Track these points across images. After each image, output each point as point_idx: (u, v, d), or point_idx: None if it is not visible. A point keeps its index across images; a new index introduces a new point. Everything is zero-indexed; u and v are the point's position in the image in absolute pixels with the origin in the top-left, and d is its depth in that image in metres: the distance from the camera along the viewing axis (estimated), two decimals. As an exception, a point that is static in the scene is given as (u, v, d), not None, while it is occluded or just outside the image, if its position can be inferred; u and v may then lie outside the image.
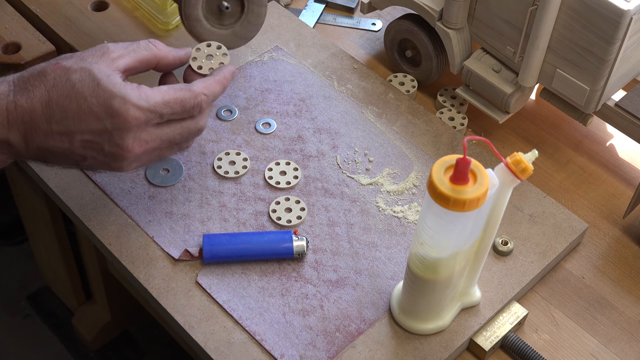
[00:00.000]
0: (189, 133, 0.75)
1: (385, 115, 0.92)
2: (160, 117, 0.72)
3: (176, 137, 0.74)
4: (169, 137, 0.73)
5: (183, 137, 0.75)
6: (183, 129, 0.74)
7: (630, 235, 0.86)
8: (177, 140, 0.74)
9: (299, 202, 0.83)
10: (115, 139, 0.70)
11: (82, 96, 0.70)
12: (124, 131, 0.70)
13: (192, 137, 0.76)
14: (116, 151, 0.71)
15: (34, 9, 1.03)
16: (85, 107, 0.69)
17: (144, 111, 0.71)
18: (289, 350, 0.73)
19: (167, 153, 0.76)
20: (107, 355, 1.50)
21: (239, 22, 0.84)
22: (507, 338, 0.75)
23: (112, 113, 0.70)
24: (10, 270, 1.67)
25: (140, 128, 0.71)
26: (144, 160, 0.74)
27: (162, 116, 0.72)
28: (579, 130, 0.96)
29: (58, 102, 0.69)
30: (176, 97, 0.73)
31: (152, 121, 0.72)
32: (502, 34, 0.86)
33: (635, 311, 0.80)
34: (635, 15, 0.75)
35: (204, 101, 0.74)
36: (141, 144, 0.71)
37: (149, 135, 0.72)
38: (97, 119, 0.70)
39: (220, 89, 0.77)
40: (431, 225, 0.64)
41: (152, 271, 0.78)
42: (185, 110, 0.73)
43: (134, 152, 0.71)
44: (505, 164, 0.63)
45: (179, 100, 0.73)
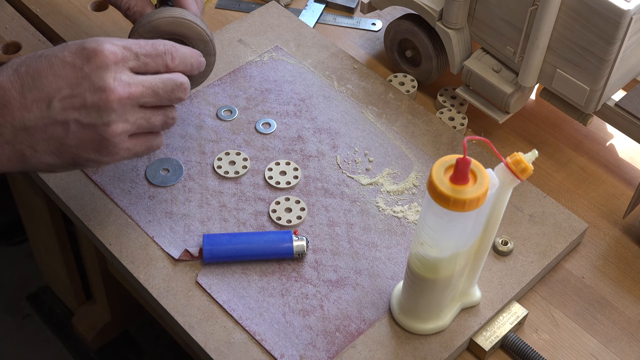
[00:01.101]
0: (172, 84, 0.72)
1: (385, 115, 0.92)
2: (136, 58, 0.69)
3: (158, 85, 0.70)
4: (150, 85, 0.70)
5: (166, 88, 0.71)
6: (164, 79, 0.71)
7: (630, 235, 0.86)
8: (161, 90, 0.71)
9: (299, 202, 0.83)
10: (95, 81, 0.66)
11: (52, 54, 0.67)
12: (102, 69, 0.67)
13: (175, 92, 0.72)
14: (99, 97, 0.66)
15: (34, 9, 1.03)
16: (58, 62, 0.66)
17: (119, 47, 0.68)
18: (289, 350, 0.73)
19: (154, 117, 0.71)
20: (107, 355, 1.50)
21: None
22: (507, 338, 0.76)
23: (87, 54, 0.67)
24: (10, 270, 1.67)
25: (118, 66, 0.68)
26: (133, 120, 0.69)
27: (137, 57, 0.69)
28: (579, 130, 0.96)
29: (27, 70, 0.66)
30: (147, 41, 0.71)
31: (129, 61, 0.69)
32: (502, 34, 0.86)
33: (635, 311, 0.80)
34: (635, 15, 0.75)
35: (173, 50, 0.72)
36: (123, 85, 0.68)
37: (129, 77, 0.68)
38: (73, 67, 0.66)
39: (188, 52, 0.74)
40: (431, 225, 0.64)
41: (152, 271, 0.78)
42: (158, 54, 0.71)
43: (117, 94, 0.67)
44: (505, 164, 0.63)
45: (149, 42, 0.71)
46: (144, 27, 0.77)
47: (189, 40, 0.79)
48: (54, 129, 0.67)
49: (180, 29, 0.78)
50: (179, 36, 0.79)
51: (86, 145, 0.68)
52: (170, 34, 0.78)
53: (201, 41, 0.79)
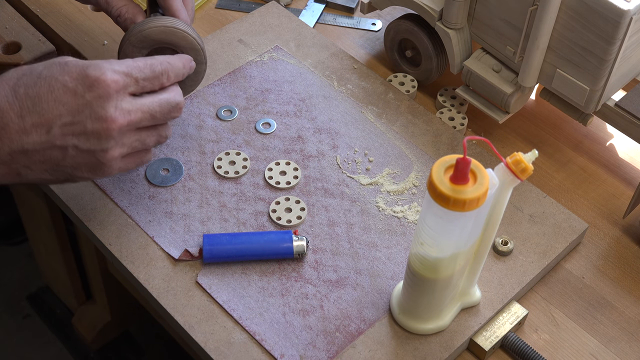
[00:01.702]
0: (168, 106, 0.72)
1: (385, 115, 0.92)
2: (136, 83, 0.69)
3: (156, 109, 0.71)
4: (149, 109, 0.70)
5: (163, 111, 0.72)
6: (161, 101, 0.71)
7: (630, 235, 0.86)
8: (157, 114, 0.71)
9: (299, 202, 0.83)
10: (96, 111, 0.66)
11: (52, 77, 0.66)
12: (104, 99, 0.67)
13: (171, 113, 0.73)
14: (100, 126, 0.66)
15: (34, 9, 1.03)
16: (58, 87, 0.66)
17: (121, 74, 0.68)
18: (289, 350, 0.73)
19: (148, 138, 0.72)
20: (107, 355, 1.50)
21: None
22: (507, 338, 0.76)
23: (90, 82, 0.66)
24: (10, 270, 1.67)
25: (120, 94, 0.68)
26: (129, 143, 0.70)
27: (137, 82, 0.69)
28: (579, 130, 0.96)
29: (27, 92, 0.65)
30: (144, 61, 0.71)
31: (130, 87, 0.69)
32: (502, 34, 0.86)
33: (635, 311, 0.80)
34: (635, 15, 0.75)
35: (169, 69, 0.72)
36: (123, 113, 0.68)
37: (129, 104, 0.68)
38: (74, 94, 0.66)
39: (180, 64, 0.74)
40: (431, 225, 0.64)
41: (152, 271, 0.78)
42: (156, 76, 0.71)
43: (118, 123, 0.67)
44: (505, 164, 0.63)
45: (147, 64, 0.71)
46: (135, 36, 0.77)
47: (180, 49, 0.79)
48: (52, 153, 0.67)
49: (171, 38, 0.78)
50: (170, 45, 0.79)
51: (81, 167, 0.69)
52: (161, 43, 0.78)
53: (192, 50, 0.79)
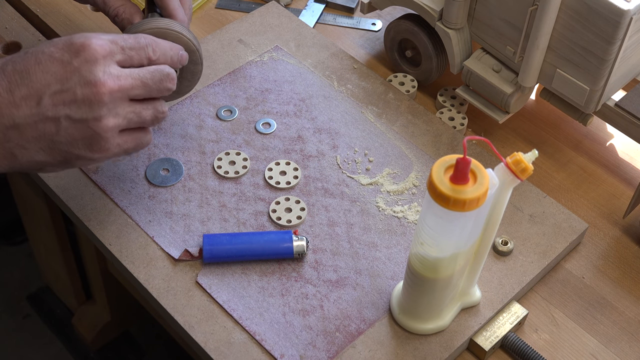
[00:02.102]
0: (160, 75, 0.72)
1: (385, 115, 0.92)
2: (122, 51, 0.69)
3: (147, 76, 0.70)
4: (139, 76, 0.70)
5: (155, 79, 0.71)
6: (151, 70, 0.71)
7: (630, 235, 0.86)
8: (149, 81, 0.71)
9: (299, 202, 0.83)
10: (85, 75, 0.66)
11: (39, 51, 0.67)
12: (92, 63, 0.67)
13: (163, 83, 0.72)
14: (89, 91, 0.66)
15: (34, 9, 1.03)
16: (45, 58, 0.66)
17: (105, 41, 0.68)
18: (289, 350, 0.73)
19: (144, 110, 0.71)
20: (107, 355, 1.50)
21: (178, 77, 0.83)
22: (507, 338, 0.76)
23: (75, 49, 0.66)
24: (10, 270, 1.67)
25: (107, 60, 0.68)
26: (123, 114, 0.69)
27: (123, 50, 0.69)
28: (579, 130, 0.96)
29: (14, 68, 0.66)
30: (130, 35, 0.71)
31: (116, 55, 0.69)
32: (502, 34, 0.86)
33: (635, 311, 0.80)
34: (635, 15, 0.75)
35: (153, 44, 0.72)
36: (113, 78, 0.67)
37: (118, 71, 0.68)
38: (61, 62, 0.66)
39: (167, 45, 0.74)
40: (431, 225, 0.64)
41: (152, 271, 0.78)
42: (141, 47, 0.71)
43: (108, 87, 0.67)
44: (505, 164, 0.63)
45: (131, 36, 0.71)
46: None
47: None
48: (45, 126, 0.67)
49: (166, 39, 0.78)
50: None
51: (77, 142, 0.68)
52: None
53: (188, 51, 0.79)
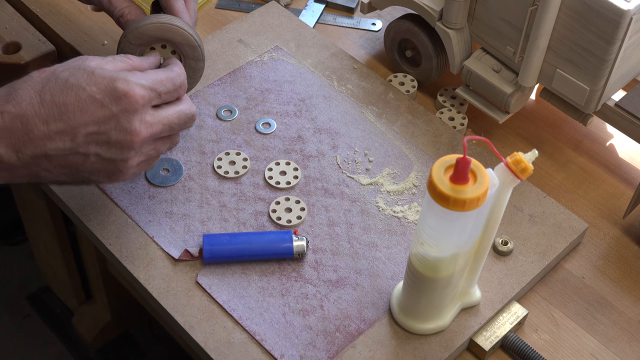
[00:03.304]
0: (185, 118, 0.74)
1: (385, 115, 0.92)
2: (159, 97, 0.71)
3: (174, 121, 0.73)
4: (168, 122, 0.72)
5: (180, 122, 0.73)
6: (179, 113, 0.73)
7: (630, 235, 0.86)
8: (175, 125, 0.73)
9: (299, 202, 0.83)
10: (122, 123, 0.68)
11: (80, 87, 0.67)
12: (131, 113, 0.68)
13: (187, 124, 0.74)
14: (124, 138, 0.68)
15: (34, 9, 1.03)
16: (86, 97, 0.67)
17: (147, 89, 0.69)
18: (289, 350, 0.73)
19: (163, 146, 0.74)
20: (107, 355, 1.50)
21: None
22: (507, 338, 0.76)
23: (117, 95, 0.68)
24: (10, 270, 1.67)
25: (145, 108, 0.69)
26: (146, 152, 0.72)
27: (160, 95, 0.71)
28: (579, 130, 0.96)
29: (53, 99, 0.66)
30: (166, 75, 0.72)
31: (153, 101, 0.70)
32: (502, 34, 0.86)
33: (635, 311, 0.80)
34: (635, 15, 0.75)
35: (185, 81, 0.74)
36: (147, 126, 0.69)
37: (152, 117, 0.70)
38: (101, 105, 0.67)
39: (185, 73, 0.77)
40: (431, 225, 0.64)
41: (152, 271, 0.78)
42: (176, 89, 0.73)
43: (142, 136, 0.69)
44: (505, 164, 0.63)
45: (169, 77, 0.72)
46: (132, 32, 0.78)
47: (176, 46, 0.79)
48: (74, 158, 0.69)
49: (168, 34, 0.78)
50: (167, 41, 0.79)
51: (99, 173, 0.71)
52: (158, 40, 0.78)
53: (189, 46, 0.79)
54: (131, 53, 0.79)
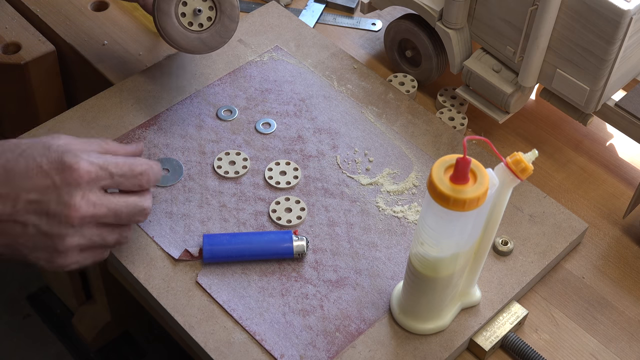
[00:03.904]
0: (135, 210, 0.73)
1: (385, 115, 0.92)
2: (111, 177, 0.70)
3: (122, 209, 0.71)
4: (115, 208, 0.71)
5: (129, 212, 0.72)
6: (129, 204, 0.72)
7: (630, 235, 0.86)
8: (123, 214, 0.72)
9: (299, 202, 0.83)
10: (63, 196, 0.68)
11: (31, 157, 0.68)
12: (73, 186, 0.68)
13: (136, 217, 0.73)
14: (62, 210, 0.68)
15: (34, 9, 1.03)
16: (34, 166, 0.68)
17: (95, 166, 0.69)
18: (289, 350, 0.73)
19: (109, 235, 0.72)
20: (107, 355, 1.50)
21: (207, 30, 0.84)
22: (507, 338, 0.75)
23: (63, 167, 0.68)
24: (11, 270, 1.67)
25: (90, 185, 0.69)
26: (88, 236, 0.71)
27: (112, 176, 0.70)
28: (579, 130, 0.96)
29: (4, 166, 0.68)
30: (126, 160, 0.72)
31: (103, 180, 0.70)
32: (502, 34, 0.86)
33: (635, 311, 0.80)
34: (635, 15, 0.75)
35: (150, 172, 0.73)
36: (89, 205, 0.69)
37: (97, 198, 0.70)
38: (46, 175, 0.68)
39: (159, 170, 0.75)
40: (431, 225, 0.64)
41: (152, 271, 0.78)
42: (134, 176, 0.72)
43: (81, 213, 0.68)
44: (505, 164, 0.63)
45: (128, 163, 0.72)
46: None
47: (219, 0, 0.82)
48: (13, 227, 0.68)
49: None
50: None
51: (38, 249, 0.70)
52: None
53: (230, 4, 0.82)
54: (166, 7, 0.81)
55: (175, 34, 0.83)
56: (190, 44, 0.84)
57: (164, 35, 0.83)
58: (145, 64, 0.97)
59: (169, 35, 0.83)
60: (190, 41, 0.83)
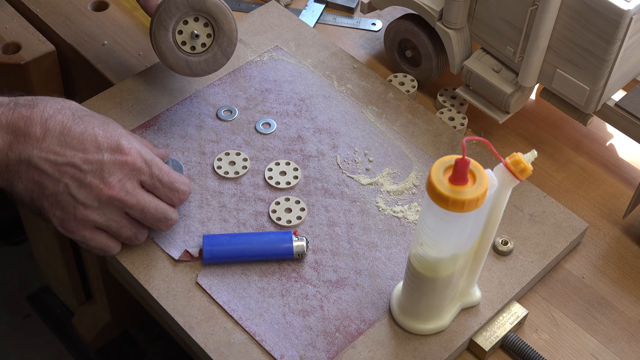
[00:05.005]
0: (161, 215, 0.75)
1: (385, 115, 0.92)
2: (150, 177, 0.73)
3: (150, 209, 0.74)
4: (144, 204, 0.74)
5: (154, 216, 0.75)
6: (158, 208, 0.75)
7: (630, 235, 0.86)
8: (149, 214, 0.74)
9: (299, 202, 0.83)
10: (104, 171, 0.71)
11: (91, 124, 0.71)
12: (117, 166, 0.71)
13: (158, 224, 0.76)
14: (97, 184, 0.71)
15: (34, 9, 1.03)
16: (90, 134, 0.70)
17: (142, 160, 0.72)
18: (289, 351, 0.73)
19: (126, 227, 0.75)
20: (107, 355, 1.50)
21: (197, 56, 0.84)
22: (507, 338, 0.75)
23: (116, 148, 0.71)
24: (10, 270, 1.67)
25: (131, 174, 0.72)
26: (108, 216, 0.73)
27: (152, 176, 0.73)
28: (579, 130, 0.96)
29: (63, 121, 0.70)
30: (171, 171, 0.75)
31: (143, 175, 0.73)
32: (502, 34, 0.86)
33: (635, 311, 0.80)
34: (635, 15, 0.75)
35: (186, 194, 0.77)
36: (122, 189, 0.72)
37: (132, 187, 0.72)
38: (98, 148, 0.70)
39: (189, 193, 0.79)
40: (430, 225, 0.64)
41: (152, 272, 0.78)
42: (171, 189, 0.75)
43: (113, 192, 0.71)
44: (504, 164, 0.63)
45: (172, 175, 0.75)
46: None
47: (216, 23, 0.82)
48: (46, 180, 0.70)
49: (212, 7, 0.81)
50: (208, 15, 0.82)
51: (58, 207, 0.72)
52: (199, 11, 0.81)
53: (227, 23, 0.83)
54: (164, 33, 0.81)
55: (164, 47, 0.83)
56: (176, 62, 0.84)
57: (154, 45, 0.83)
58: (145, 64, 0.97)
59: (159, 46, 0.83)
60: (177, 60, 0.84)
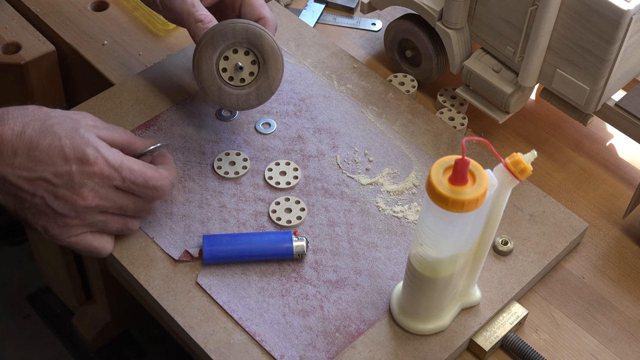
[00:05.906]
0: (141, 210, 0.76)
1: (385, 114, 0.92)
2: (122, 181, 0.73)
3: (129, 206, 0.75)
4: (121, 203, 0.74)
5: (135, 209, 0.76)
6: (136, 204, 0.76)
7: (630, 235, 0.86)
8: (129, 209, 0.75)
9: (299, 202, 0.83)
10: (74, 183, 0.71)
11: (57, 136, 0.71)
12: (85, 177, 0.71)
13: (141, 214, 0.77)
14: (70, 196, 0.71)
15: (34, 9, 1.03)
16: (57, 146, 0.71)
17: (111, 167, 0.72)
18: (289, 351, 0.73)
19: (113, 224, 0.76)
20: (107, 355, 1.50)
21: (249, 85, 0.82)
22: (507, 338, 0.75)
23: (82, 159, 0.71)
24: (10, 270, 1.67)
25: (102, 182, 0.72)
26: (89, 221, 0.74)
27: (124, 180, 0.73)
28: (579, 130, 0.96)
29: (31, 136, 0.70)
30: (143, 170, 0.74)
31: (114, 181, 0.73)
32: (502, 34, 0.86)
33: (635, 311, 0.80)
34: (635, 15, 0.75)
35: (165, 188, 0.76)
36: (95, 197, 0.72)
37: (106, 192, 0.73)
38: (65, 160, 0.71)
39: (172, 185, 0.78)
40: (430, 226, 0.64)
41: (152, 272, 0.78)
42: (147, 187, 0.75)
43: (86, 202, 0.72)
44: (504, 165, 0.63)
45: (144, 174, 0.74)
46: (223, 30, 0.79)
47: (262, 54, 0.80)
48: (22, 193, 0.71)
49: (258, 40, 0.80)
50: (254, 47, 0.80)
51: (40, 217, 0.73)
52: (244, 43, 0.80)
53: (273, 56, 0.81)
54: (210, 53, 0.79)
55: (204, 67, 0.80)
56: (209, 84, 0.81)
57: (195, 61, 0.80)
58: (145, 64, 0.97)
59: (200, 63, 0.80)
60: (211, 83, 0.80)
